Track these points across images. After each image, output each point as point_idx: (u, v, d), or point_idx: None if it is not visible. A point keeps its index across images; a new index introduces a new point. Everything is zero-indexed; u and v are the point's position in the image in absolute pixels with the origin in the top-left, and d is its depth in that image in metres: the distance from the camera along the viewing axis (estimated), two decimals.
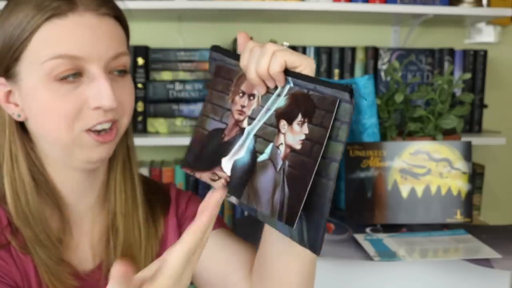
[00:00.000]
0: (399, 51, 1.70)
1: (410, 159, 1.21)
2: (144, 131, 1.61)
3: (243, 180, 0.64)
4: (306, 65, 0.61)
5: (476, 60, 1.73)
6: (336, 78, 1.68)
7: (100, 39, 0.65)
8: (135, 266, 0.75)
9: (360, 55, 1.69)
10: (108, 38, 0.66)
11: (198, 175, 0.67)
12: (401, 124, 1.42)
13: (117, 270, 0.45)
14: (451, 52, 1.71)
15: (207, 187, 1.59)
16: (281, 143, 0.62)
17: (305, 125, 0.60)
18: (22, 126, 0.71)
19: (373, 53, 1.70)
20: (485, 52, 1.73)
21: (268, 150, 0.62)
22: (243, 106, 0.66)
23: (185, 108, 1.59)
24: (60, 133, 0.66)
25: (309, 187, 0.58)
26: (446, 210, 1.20)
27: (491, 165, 1.90)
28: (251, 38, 0.66)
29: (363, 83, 1.27)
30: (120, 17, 0.70)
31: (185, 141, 1.54)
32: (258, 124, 0.64)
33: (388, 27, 1.85)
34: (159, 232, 0.81)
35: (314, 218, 0.60)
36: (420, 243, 1.10)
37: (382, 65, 1.70)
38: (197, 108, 1.59)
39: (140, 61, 1.59)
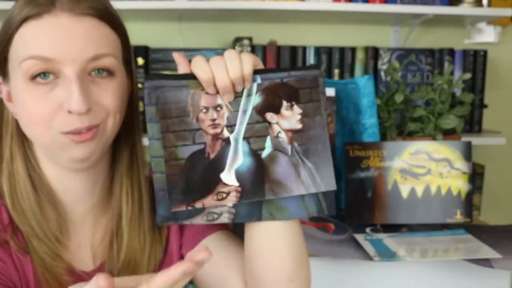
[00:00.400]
0: (399, 51, 1.70)
1: (410, 159, 1.21)
2: (144, 131, 1.60)
3: (259, 180, 0.66)
4: (260, 62, 0.67)
5: (476, 60, 1.73)
6: (336, 78, 1.68)
7: (75, 41, 0.63)
8: (138, 273, 0.75)
9: (360, 55, 1.69)
10: (85, 39, 0.64)
11: (198, 204, 0.66)
12: (401, 124, 1.42)
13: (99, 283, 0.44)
14: (451, 52, 1.71)
15: None
16: (279, 131, 0.67)
17: (295, 106, 0.67)
18: None
19: (373, 53, 1.70)
20: (485, 52, 1.73)
21: (268, 143, 0.67)
22: (213, 120, 0.66)
23: None
24: (39, 133, 0.66)
25: (329, 148, 0.67)
26: (446, 210, 1.20)
27: (491, 165, 1.90)
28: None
29: (363, 83, 1.27)
30: (105, 17, 0.67)
31: None
32: (241, 127, 0.67)
33: (388, 27, 1.85)
34: (163, 237, 0.80)
35: (321, 168, 0.67)
36: (420, 243, 1.10)
37: (382, 65, 1.70)
38: None
39: (140, 61, 1.59)
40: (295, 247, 0.71)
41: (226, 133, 0.67)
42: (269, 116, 0.67)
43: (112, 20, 0.69)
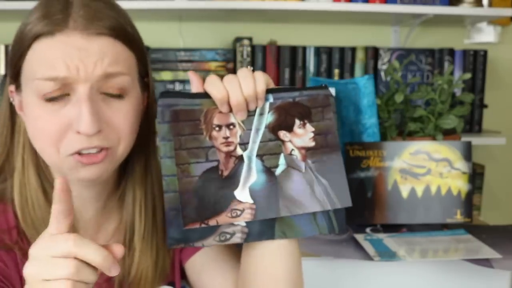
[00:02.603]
0: (399, 51, 1.70)
1: (410, 159, 1.21)
2: None
3: (273, 197, 0.66)
4: (271, 81, 0.68)
5: (476, 60, 1.72)
6: (336, 78, 1.68)
7: (87, 59, 0.62)
8: None
9: (360, 55, 1.69)
10: (97, 58, 0.63)
11: (212, 222, 0.64)
12: (401, 124, 1.42)
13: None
14: (451, 52, 1.71)
15: None
16: (293, 149, 0.67)
17: (307, 125, 0.67)
18: None
19: (373, 53, 1.70)
20: (485, 52, 1.73)
21: (282, 161, 0.67)
22: (226, 138, 0.66)
23: None
24: (48, 152, 0.65)
25: (343, 165, 0.68)
26: (446, 210, 1.20)
27: (491, 165, 1.90)
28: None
29: (363, 83, 1.27)
30: (120, 36, 0.66)
31: None
32: (254, 145, 0.67)
33: (388, 27, 1.85)
34: (171, 250, 0.80)
35: (336, 185, 0.68)
36: (420, 243, 1.10)
37: (382, 65, 1.70)
38: None
39: None
40: (291, 269, 0.69)
41: (239, 151, 0.66)
42: (282, 134, 0.67)
43: (127, 38, 0.67)
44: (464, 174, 1.20)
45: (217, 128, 0.66)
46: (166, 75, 1.60)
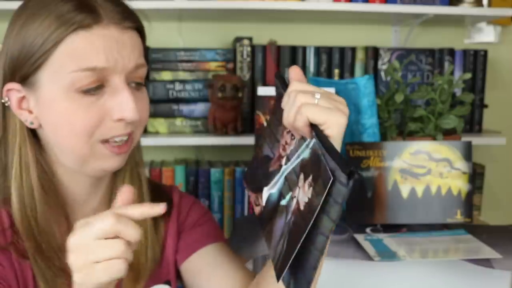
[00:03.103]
0: (399, 51, 1.70)
1: (410, 159, 1.21)
2: (144, 131, 1.61)
3: (269, 217, 0.67)
4: (332, 124, 0.58)
5: (476, 60, 1.72)
6: (336, 78, 1.68)
7: (123, 51, 0.66)
8: (141, 275, 0.76)
9: (360, 55, 1.69)
10: (130, 49, 0.67)
11: (249, 193, 0.73)
12: (401, 124, 1.42)
13: None
14: (451, 52, 1.71)
15: (207, 188, 1.59)
16: (295, 196, 0.60)
17: (311, 189, 0.56)
18: (33, 133, 0.70)
19: (373, 53, 1.70)
20: (485, 52, 1.73)
21: (287, 197, 0.62)
22: (286, 143, 0.67)
23: (185, 108, 1.59)
24: (78, 144, 0.66)
25: (295, 251, 0.56)
26: (446, 210, 1.20)
27: (491, 165, 1.90)
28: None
29: (363, 83, 1.27)
30: (140, 30, 0.71)
31: (185, 141, 1.53)
32: (289, 167, 0.65)
33: (388, 27, 1.85)
34: (160, 237, 0.80)
35: (299, 278, 0.58)
36: (420, 243, 1.10)
37: (382, 65, 1.70)
38: (197, 108, 1.59)
39: None
40: None
41: (283, 161, 0.67)
42: (301, 177, 0.60)
43: (143, 34, 0.73)
44: (464, 174, 1.20)
45: (287, 130, 0.67)
46: (166, 75, 1.60)
